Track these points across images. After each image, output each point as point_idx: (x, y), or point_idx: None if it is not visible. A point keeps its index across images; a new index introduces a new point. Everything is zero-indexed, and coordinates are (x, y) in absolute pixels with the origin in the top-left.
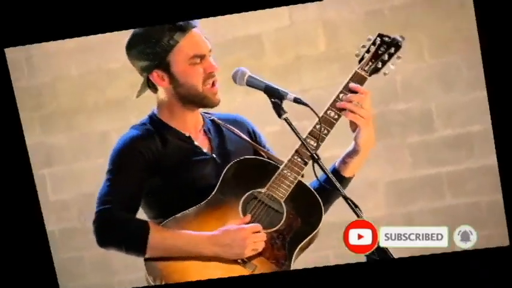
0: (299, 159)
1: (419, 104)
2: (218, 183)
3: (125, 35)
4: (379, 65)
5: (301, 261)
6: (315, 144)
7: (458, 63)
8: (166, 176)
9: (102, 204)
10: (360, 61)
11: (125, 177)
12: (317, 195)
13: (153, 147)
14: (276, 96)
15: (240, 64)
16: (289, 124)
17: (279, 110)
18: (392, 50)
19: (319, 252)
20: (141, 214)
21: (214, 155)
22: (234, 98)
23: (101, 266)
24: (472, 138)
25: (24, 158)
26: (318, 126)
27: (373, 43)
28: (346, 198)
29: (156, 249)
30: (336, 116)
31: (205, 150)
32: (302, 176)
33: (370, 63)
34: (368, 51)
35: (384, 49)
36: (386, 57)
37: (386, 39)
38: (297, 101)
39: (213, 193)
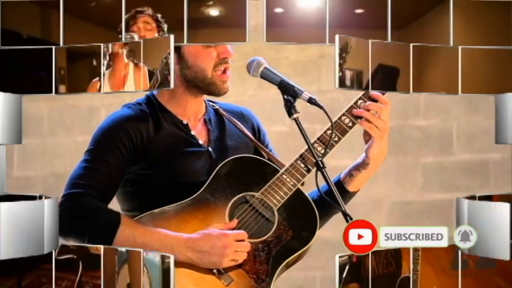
0: (302, 165)
1: (440, 123)
2: (208, 180)
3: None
4: None
5: (284, 280)
6: (323, 151)
7: None
8: (153, 164)
9: (72, 187)
10: None
11: (105, 160)
12: (315, 208)
13: (144, 130)
14: (290, 94)
15: (258, 54)
16: (299, 125)
17: (290, 109)
18: None
19: (305, 272)
20: (114, 204)
21: (210, 149)
22: (244, 90)
23: None
24: (490, 166)
25: None
26: (329, 132)
27: None
28: (346, 215)
29: (123, 247)
30: (351, 124)
31: (201, 141)
32: (302, 184)
33: None
34: None
35: None
36: None
37: None
38: (311, 101)
39: (201, 190)
